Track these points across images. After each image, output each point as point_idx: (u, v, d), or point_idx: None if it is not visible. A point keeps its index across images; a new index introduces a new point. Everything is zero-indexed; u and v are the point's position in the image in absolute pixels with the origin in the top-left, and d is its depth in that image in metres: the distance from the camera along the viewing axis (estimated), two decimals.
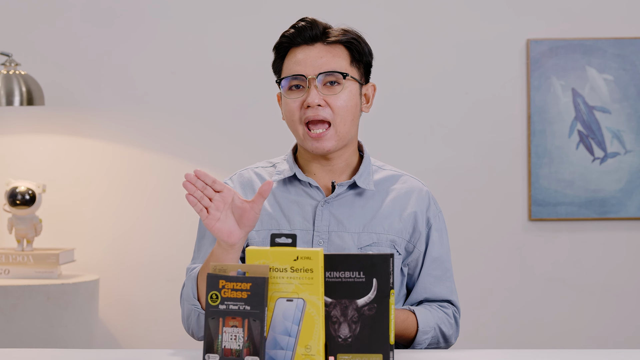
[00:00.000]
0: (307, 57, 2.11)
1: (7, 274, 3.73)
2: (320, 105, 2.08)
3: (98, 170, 3.97)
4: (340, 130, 2.11)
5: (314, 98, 2.08)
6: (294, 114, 2.10)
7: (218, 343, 1.70)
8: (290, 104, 2.11)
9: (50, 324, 3.59)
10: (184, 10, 3.95)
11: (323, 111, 2.09)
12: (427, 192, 2.21)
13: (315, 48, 2.12)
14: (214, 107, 3.96)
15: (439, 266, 2.19)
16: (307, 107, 2.09)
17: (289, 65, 2.13)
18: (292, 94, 2.12)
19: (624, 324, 3.98)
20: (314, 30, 2.12)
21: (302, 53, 2.12)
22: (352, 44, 2.14)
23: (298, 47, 2.13)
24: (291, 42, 2.13)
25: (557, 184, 3.94)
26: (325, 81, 2.10)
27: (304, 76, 2.09)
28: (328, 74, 2.10)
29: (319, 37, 2.12)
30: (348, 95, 2.12)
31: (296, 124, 2.11)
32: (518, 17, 3.94)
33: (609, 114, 3.93)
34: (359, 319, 1.73)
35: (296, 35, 2.12)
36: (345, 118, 2.11)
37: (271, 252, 1.71)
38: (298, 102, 2.10)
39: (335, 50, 2.12)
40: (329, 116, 2.09)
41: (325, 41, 2.12)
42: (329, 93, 2.10)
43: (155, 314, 3.96)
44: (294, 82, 2.11)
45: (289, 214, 2.14)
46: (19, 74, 3.71)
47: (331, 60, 2.11)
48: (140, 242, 3.98)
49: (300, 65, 2.10)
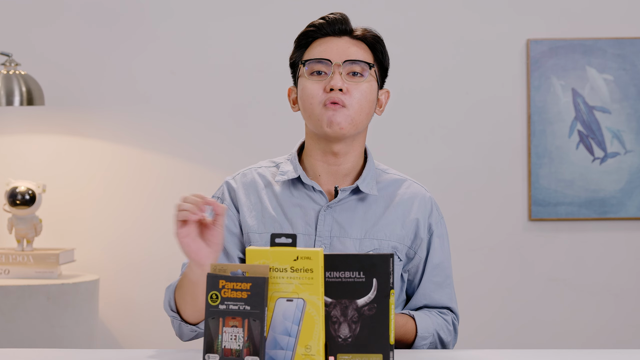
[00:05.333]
0: (334, 46, 2.13)
1: (7, 274, 3.73)
2: (342, 91, 2.09)
3: (98, 170, 3.97)
4: (355, 117, 2.11)
5: (338, 82, 2.09)
6: (315, 96, 2.10)
7: (218, 343, 1.70)
8: (311, 87, 2.11)
9: (50, 324, 3.59)
10: (184, 11, 3.95)
11: (343, 96, 2.09)
12: (429, 198, 2.21)
13: (342, 40, 2.14)
14: (214, 107, 3.96)
15: (439, 273, 2.19)
16: (329, 91, 2.09)
17: (313, 52, 2.13)
18: (314, 78, 2.12)
19: (624, 324, 3.98)
20: (345, 25, 2.16)
21: (328, 43, 2.13)
22: (376, 45, 2.17)
23: (323, 38, 2.14)
24: (318, 31, 2.15)
25: (557, 184, 3.94)
26: (349, 71, 2.11)
27: (329, 61, 2.11)
28: (354, 62, 2.11)
29: (347, 32, 2.15)
30: (368, 88, 2.13)
31: (314, 106, 2.10)
32: (518, 17, 3.94)
33: (609, 114, 3.93)
34: (359, 319, 1.73)
35: (326, 25, 2.15)
36: (362, 107, 2.11)
37: (271, 252, 1.71)
38: (321, 84, 2.10)
39: (361, 45, 2.15)
40: (347, 101, 2.09)
41: (352, 36, 2.15)
42: (351, 81, 2.11)
43: (155, 314, 3.96)
44: (317, 67, 2.11)
45: (292, 217, 2.14)
46: (19, 74, 3.71)
47: (358, 52, 2.13)
48: (140, 242, 3.98)
49: (326, 52, 2.12)
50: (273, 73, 3.94)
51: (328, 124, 2.09)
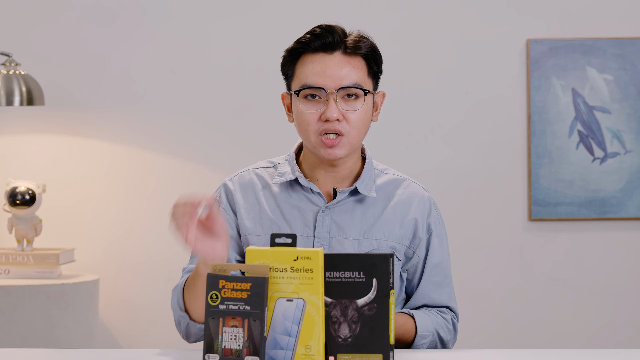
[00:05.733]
0: (327, 68, 2.06)
1: (7, 274, 3.73)
2: (338, 120, 2.06)
3: (98, 170, 3.97)
4: (353, 141, 2.09)
5: (333, 112, 2.05)
6: (310, 123, 2.07)
7: (218, 343, 1.70)
8: (306, 115, 2.07)
9: (50, 324, 3.59)
10: (183, 11, 3.95)
11: (339, 125, 2.06)
12: (428, 197, 2.20)
13: (334, 58, 2.07)
14: (214, 107, 3.96)
15: (439, 272, 2.19)
16: (325, 120, 2.06)
17: (305, 72, 2.08)
18: (307, 104, 2.08)
19: (624, 324, 3.98)
20: (333, 36, 2.07)
21: (320, 63, 2.07)
22: (369, 56, 2.10)
23: (315, 53, 2.08)
24: (307, 47, 2.08)
25: (557, 184, 3.94)
26: (344, 94, 2.07)
27: (323, 89, 2.06)
28: (348, 88, 2.07)
29: (339, 43, 2.08)
30: (365, 109, 2.09)
31: (310, 133, 2.08)
32: (518, 17, 3.94)
33: (609, 114, 3.93)
34: (359, 319, 1.73)
35: (314, 39, 2.07)
36: (359, 130, 2.09)
37: (271, 252, 1.71)
38: (316, 114, 2.07)
39: (354, 62, 2.08)
40: (344, 130, 2.07)
41: (344, 51, 2.08)
42: (347, 108, 2.07)
43: (155, 314, 3.96)
44: (311, 92, 2.07)
45: (290, 218, 2.14)
46: (19, 74, 3.71)
47: (352, 73, 2.06)
48: (140, 242, 3.98)
49: (319, 77, 2.06)
50: (273, 73, 3.91)
51: (325, 156, 2.09)
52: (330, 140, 2.06)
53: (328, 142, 2.06)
